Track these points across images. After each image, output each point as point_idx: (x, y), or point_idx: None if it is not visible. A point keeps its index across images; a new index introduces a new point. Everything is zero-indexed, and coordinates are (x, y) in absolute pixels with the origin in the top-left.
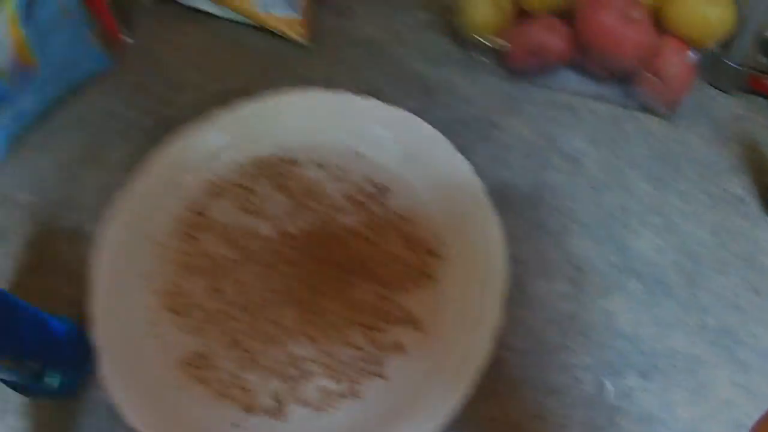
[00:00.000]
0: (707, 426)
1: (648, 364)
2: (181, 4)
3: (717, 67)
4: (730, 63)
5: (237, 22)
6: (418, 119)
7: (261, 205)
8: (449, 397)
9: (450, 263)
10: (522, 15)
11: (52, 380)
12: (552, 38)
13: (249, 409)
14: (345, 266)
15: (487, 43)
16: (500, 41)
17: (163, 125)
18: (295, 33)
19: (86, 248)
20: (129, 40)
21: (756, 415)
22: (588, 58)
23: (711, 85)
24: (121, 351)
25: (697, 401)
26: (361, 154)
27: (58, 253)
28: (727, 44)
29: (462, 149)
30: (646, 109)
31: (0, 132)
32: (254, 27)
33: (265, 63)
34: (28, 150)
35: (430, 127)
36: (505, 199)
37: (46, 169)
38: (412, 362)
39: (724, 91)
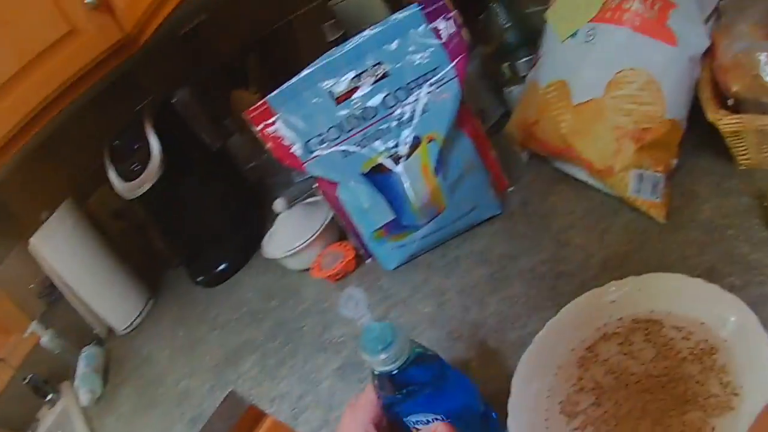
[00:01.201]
0: None
1: None
2: (555, 167)
3: None
4: None
5: (606, 194)
6: (743, 304)
7: (634, 350)
8: None
9: (745, 403)
10: None
11: None
12: None
13: None
14: (684, 398)
15: None
16: None
17: (556, 276)
18: (656, 214)
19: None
20: (511, 190)
21: None
22: None
23: None
24: None
25: None
26: (704, 323)
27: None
28: None
29: (764, 322)
30: None
31: (403, 250)
32: (619, 200)
33: (634, 235)
34: (414, 267)
35: (749, 309)
36: None
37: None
38: None
39: None
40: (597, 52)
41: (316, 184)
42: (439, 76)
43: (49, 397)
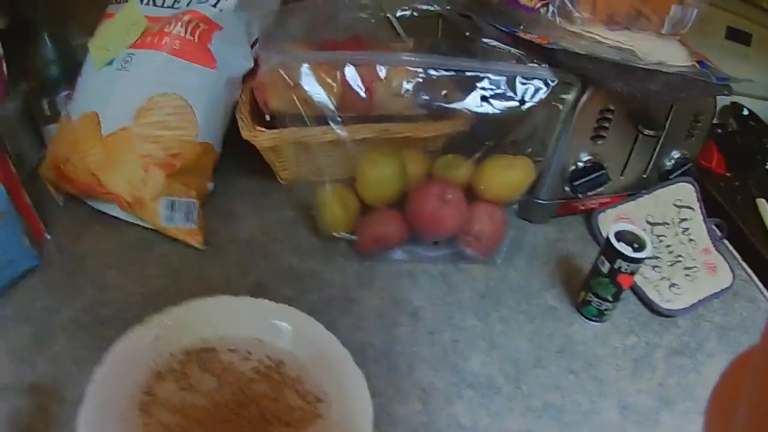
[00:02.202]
0: None
1: None
2: (91, 206)
3: (530, 207)
4: (540, 201)
5: (143, 227)
6: (296, 310)
7: (194, 383)
8: None
9: (333, 405)
10: (367, 209)
11: None
12: (388, 227)
13: None
14: (263, 418)
15: (340, 236)
16: (349, 234)
17: (98, 322)
18: (193, 240)
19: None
20: (47, 237)
21: None
22: (419, 234)
23: (529, 221)
24: None
25: None
26: (260, 339)
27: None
28: (534, 188)
29: (330, 324)
30: (470, 260)
31: None
32: (157, 232)
33: (172, 266)
34: None
35: (306, 315)
36: (365, 354)
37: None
38: None
39: (540, 223)
40: (129, 79)
41: None
42: None
43: None
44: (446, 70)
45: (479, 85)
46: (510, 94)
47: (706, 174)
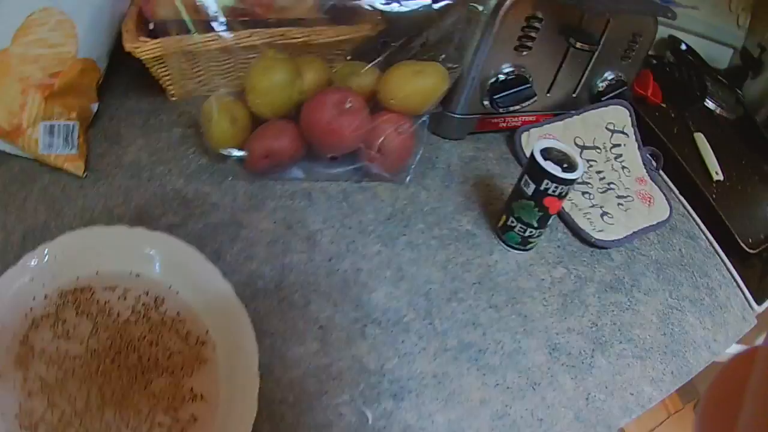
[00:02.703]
0: (467, 423)
1: (399, 388)
2: None
3: (443, 121)
4: (456, 115)
5: (27, 159)
6: (176, 239)
7: (69, 329)
8: None
9: (217, 347)
10: (258, 122)
11: None
12: (281, 141)
13: None
14: (142, 366)
15: (228, 153)
16: (238, 152)
17: None
18: (73, 168)
19: None
20: None
21: (516, 404)
22: (316, 149)
23: (442, 138)
24: None
25: (452, 407)
26: (138, 274)
27: None
28: (449, 101)
29: (216, 253)
30: (374, 178)
31: None
32: (39, 162)
33: (53, 198)
34: None
35: (185, 244)
36: (254, 286)
37: None
38: (205, 428)
39: (455, 139)
40: None
41: None
42: None
43: None
44: None
45: None
46: None
47: (641, 102)
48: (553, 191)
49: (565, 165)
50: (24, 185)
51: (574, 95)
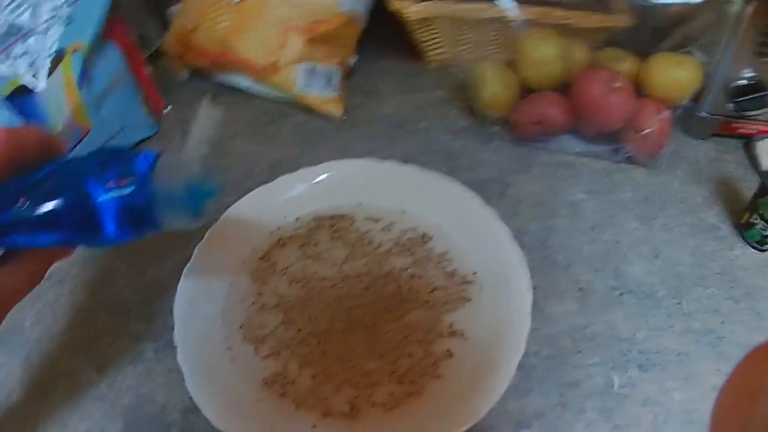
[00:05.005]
0: (699, 406)
1: (645, 360)
2: (217, 82)
3: (691, 118)
4: (702, 114)
5: (272, 100)
6: (451, 180)
7: (321, 252)
8: (491, 391)
9: (483, 289)
10: (527, 91)
11: None
12: (552, 110)
13: (326, 414)
14: (398, 297)
15: (498, 116)
16: (509, 115)
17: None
18: (333, 108)
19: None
20: (168, 109)
21: None
22: (582, 124)
23: (688, 135)
24: (205, 373)
25: (689, 387)
26: (403, 211)
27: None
28: (698, 98)
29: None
30: (632, 161)
31: None
32: (290, 104)
33: (308, 135)
34: None
35: (462, 186)
36: (520, 240)
37: None
38: (460, 364)
39: (700, 138)
40: None
41: None
42: None
43: None
44: None
45: None
46: None
47: None
48: None
49: None
50: (273, 122)
51: None
